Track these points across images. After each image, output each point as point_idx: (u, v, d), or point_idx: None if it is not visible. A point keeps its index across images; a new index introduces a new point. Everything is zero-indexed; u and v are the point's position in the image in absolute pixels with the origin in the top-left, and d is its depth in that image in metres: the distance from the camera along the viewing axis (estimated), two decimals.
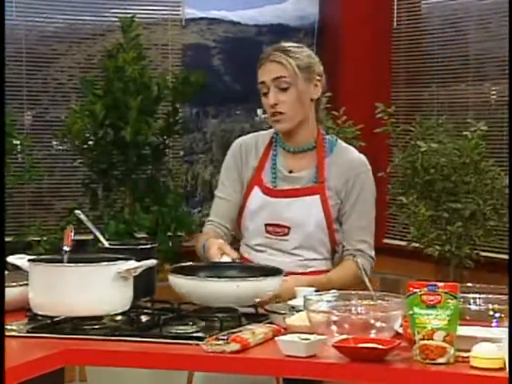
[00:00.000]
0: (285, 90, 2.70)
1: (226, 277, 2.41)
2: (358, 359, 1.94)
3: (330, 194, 2.74)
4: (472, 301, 2.20)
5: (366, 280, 2.45)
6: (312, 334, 2.05)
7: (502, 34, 4.45)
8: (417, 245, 4.10)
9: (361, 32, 5.07)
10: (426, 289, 1.98)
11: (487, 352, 1.86)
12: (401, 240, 4.74)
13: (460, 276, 4.00)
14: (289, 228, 2.74)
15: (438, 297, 1.96)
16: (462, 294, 2.12)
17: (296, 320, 2.21)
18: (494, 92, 4.60)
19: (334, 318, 2.07)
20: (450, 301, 1.96)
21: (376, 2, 5.08)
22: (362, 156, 2.84)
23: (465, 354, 1.91)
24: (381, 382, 1.95)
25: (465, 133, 3.98)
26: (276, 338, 2.05)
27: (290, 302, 2.38)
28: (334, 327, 2.06)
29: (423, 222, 3.92)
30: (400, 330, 2.09)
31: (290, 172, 2.78)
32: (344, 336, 2.03)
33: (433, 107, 4.81)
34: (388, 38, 5.09)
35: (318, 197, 2.73)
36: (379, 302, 2.17)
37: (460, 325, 1.98)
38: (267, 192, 2.77)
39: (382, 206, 4.87)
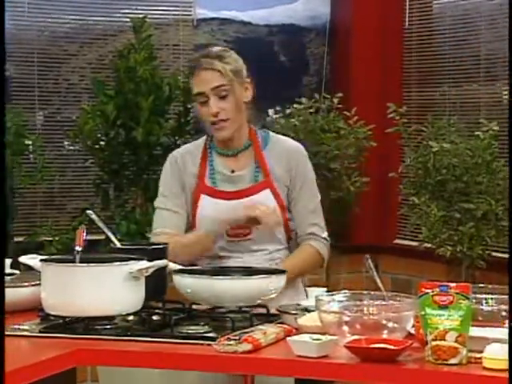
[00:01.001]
0: (224, 97, 2.69)
1: (231, 276, 2.41)
2: (370, 360, 1.94)
3: (277, 184, 2.76)
4: (484, 301, 2.19)
5: (378, 280, 2.45)
6: (323, 334, 2.05)
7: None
8: (428, 245, 4.09)
9: (372, 32, 5.06)
10: (437, 289, 1.98)
11: (499, 353, 1.86)
12: (412, 240, 4.73)
13: (472, 276, 3.99)
14: (250, 228, 2.73)
15: (450, 297, 1.95)
16: (474, 295, 2.12)
17: (307, 320, 2.20)
18: (505, 92, 4.59)
19: (346, 319, 2.07)
20: (462, 301, 1.95)
21: (387, 2, 5.07)
22: (297, 144, 2.86)
23: (477, 355, 1.90)
24: (392, 383, 1.95)
25: (477, 133, 3.97)
26: (287, 339, 2.05)
27: (302, 303, 2.38)
28: (345, 327, 2.06)
29: (435, 222, 3.91)
30: (412, 331, 2.09)
31: (233, 172, 2.78)
32: (356, 336, 2.03)
33: (444, 107, 4.80)
34: (399, 38, 5.08)
35: (268, 190, 2.75)
36: (391, 302, 2.17)
37: (472, 325, 1.98)
38: (216, 195, 2.75)
39: (393, 206, 4.90)
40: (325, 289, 2.43)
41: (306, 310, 2.30)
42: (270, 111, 5.03)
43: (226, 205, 2.74)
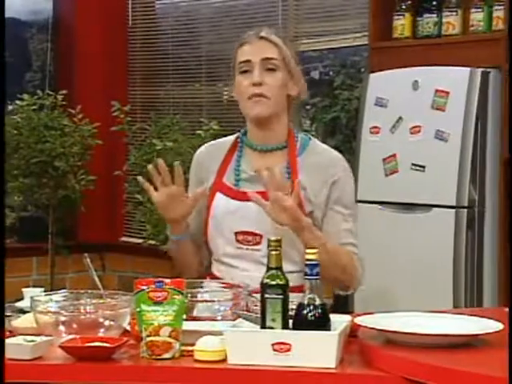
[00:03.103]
0: (271, 70, 2.38)
1: None
2: (85, 359, 1.93)
3: (304, 194, 2.39)
4: (199, 296, 2.25)
5: (96, 278, 2.45)
6: (39, 335, 2.01)
7: (231, 37, 4.61)
8: (153, 242, 4.15)
9: (96, 29, 5.05)
10: (153, 285, 2.01)
11: (210, 345, 1.92)
12: (138, 238, 4.77)
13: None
14: (261, 236, 2.41)
15: (164, 293, 1.99)
16: (189, 290, 2.17)
17: (22, 322, 2.16)
18: (226, 92, 4.75)
19: (62, 319, 2.05)
20: (176, 296, 1.99)
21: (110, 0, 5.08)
22: (339, 156, 2.52)
23: (190, 348, 1.96)
24: (108, 381, 1.95)
25: (198, 132, 4.08)
26: None
27: (17, 304, 2.33)
28: (62, 327, 2.04)
29: (159, 219, 3.97)
30: (128, 328, 2.11)
31: (255, 172, 2.42)
32: (72, 336, 2.01)
33: (168, 106, 4.90)
34: (124, 36, 5.11)
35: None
36: (108, 300, 2.17)
37: (187, 320, 2.03)
38: (231, 195, 2.44)
39: (119, 203, 4.91)
40: (42, 289, 2.39)
41: (22, 311, 2.25)
42: None
43: (239, 206, 2.42)
